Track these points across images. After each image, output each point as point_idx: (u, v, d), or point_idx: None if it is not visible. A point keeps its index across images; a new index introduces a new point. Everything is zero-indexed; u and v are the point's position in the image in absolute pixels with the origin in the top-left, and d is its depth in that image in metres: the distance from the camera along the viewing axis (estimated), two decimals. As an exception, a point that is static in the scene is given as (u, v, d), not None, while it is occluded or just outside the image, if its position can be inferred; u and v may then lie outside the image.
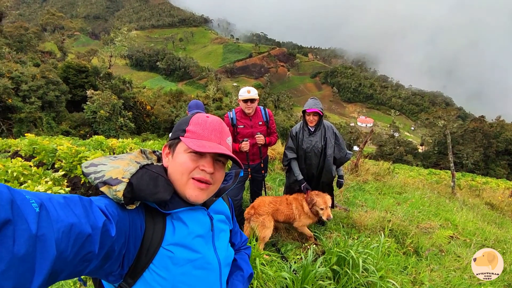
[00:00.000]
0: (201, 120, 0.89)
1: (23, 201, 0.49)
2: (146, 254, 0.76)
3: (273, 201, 3.07)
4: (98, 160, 0.79)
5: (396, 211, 4.40)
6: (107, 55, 37.38)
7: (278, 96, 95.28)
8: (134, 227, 0.74)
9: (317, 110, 3.06)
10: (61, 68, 25.80)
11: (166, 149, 0.91)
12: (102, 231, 0.61)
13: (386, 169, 7.96)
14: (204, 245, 0.87)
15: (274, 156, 6.49)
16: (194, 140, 0.84)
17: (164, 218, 0.81)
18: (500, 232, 4.62)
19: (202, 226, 0.88)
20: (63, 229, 0.53)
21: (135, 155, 0.88)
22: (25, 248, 0.46)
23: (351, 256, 2.22)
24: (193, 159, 0.84)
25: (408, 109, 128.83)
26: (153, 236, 0.77)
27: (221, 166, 0.90)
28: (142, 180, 0.75)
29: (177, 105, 32.04)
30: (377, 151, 43.42)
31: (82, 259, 0.57)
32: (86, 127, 22.51)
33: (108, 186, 0.71)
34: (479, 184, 13.33)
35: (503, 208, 6.57)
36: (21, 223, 0.46)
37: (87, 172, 0.75)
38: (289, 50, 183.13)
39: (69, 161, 4.16)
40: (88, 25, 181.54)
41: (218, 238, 0.95)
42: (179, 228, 0.82)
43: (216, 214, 0.98)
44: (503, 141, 41.17)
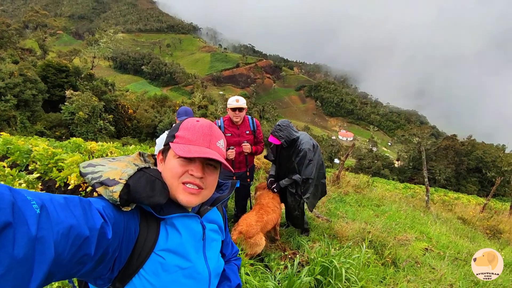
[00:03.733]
0: (190, 125, 0.89)
1: (24, 202, 0.49)
2: (137, 259, 0.75)
3: (259, 218, 2.96)
4: (96, 161, 0.79)
5: (375, 223, 4.54)
6: (90, 56, 36.40)
7: (264, 107, 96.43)
8: (128, 230, 0.73)
9: (275, 140, 3.21)
10: (41, 67, 24.85)
11: (160, 155, 0.91)
12: (99, 233, 0.61)
13: (365, 182, 8.23)
14: (194, 254, 0.87)
15: (259, 166, 6.52)
16: (181, 145, 0.84)
17: (158, 223, 0.81)
18: (472, 246, 4.84)
19: (194, 234, 0.88)
20: (62, 231, 0.53)
21: (133, 157, 0.88)
22: (24, 251, 0.46)
23: (334, 266, 2.26)
24: (182, 164, 0.84)
25: (385, 125, 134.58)
26: (146, 241, 0.77)
27: (212, 170, 0.89)
28: (139, 182, 0.75)
29: (161, 110, 31.51)
30: (357, 164, 44.71)
31: (78, 261, 0.57)
32: (62, 128, 21.56)
33: (105, 186, 0.71)
34: (451, 199, 14.04)
35: (475, 223, 6.92)
36: (21, 225, 0.46)
37: (85, 172, 0.75)
38: (275, 63, 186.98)
39: (45, 163, 3.95)
40: (72, 25, 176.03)
41: (210, 247, 0.95)
42: (172, 234, 0.82)
43: (209, 223, 0.98)
44: (473, 159, 43.90)
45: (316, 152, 3.37)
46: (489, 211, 9.00)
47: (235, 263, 1.17)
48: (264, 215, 3.04)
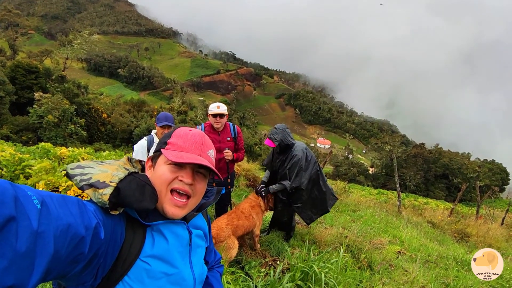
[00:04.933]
0: (183, 133, 0.91)
1: (25, 197, 0.49)
2: (122, 265, 0.75)
3: (229, 221, 2.94)
4: (85, 163, 0.79)
5: (352, 228, 4.69)
6: (62, 57, 34.60)
7: (244, 114, 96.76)
8: (114, 235, 0.73)
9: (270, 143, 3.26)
10: (9, 67, 23.40)
11: (149, 162, 0.92)
12: (93, 232, 0.62)
13: (342, 188, 8.50)
14: (180, 260, 0.87)
15: (239, 173, 6.51)
16: (173, 151, 0.85)
17: (144, 229, 0.81)
18: (442, 248, 5.14)
19: (180, 240, 0.88)
20: (61, 228, 0.54)
21: (123, 161, 0.88)
22: (27, 244, 0.47)
23: (313, 271, 2.31)
24: (172, 170, 0.85)
25: (360, 133, 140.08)
26: (131, 247, 0.77)
27: (202, 178, 0.91)
28: (129, 186, 0.75)
29: (138, 115, 30.49)
30: (334, 171, 46.04)
31: (73, 260, 0.58)
32: (29, 132, 20.19)
33: (94, 189, 0.71)
34: (421, 204, 14.84)
35: (443, 227, 7.34)
36: (23, 219, 0.47)
37: (73, 173, 0.74)
38: (255, 71, 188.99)
39: (11, 170, 3.69)
40: (45, 25, 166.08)
41: (195, 253, 0.95)
42: (158, 241, 0.82)
43: (195, 229, 0.98)
44: (441, 166, 46.86)
45: (310, 163, 3.37)
46: (457, 216, 9.56)
47: (217, 271, 1.17)
48: (235, 219, 3.00)
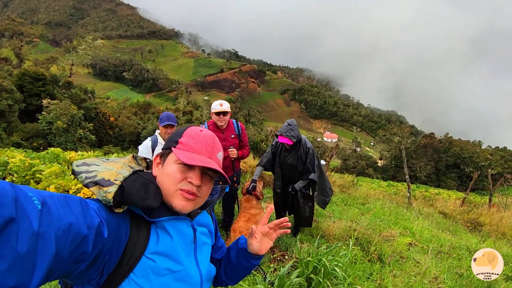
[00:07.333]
0: (194, 133, 0.90)
1: (25, 198, 0.49)
2: (127, 262, 0.75)
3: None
4: (91, 160, 0.79)
5: (361, 221, 4.65)
6: (68, 63, 35.21)
7: (249, 111, 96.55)
8: (119, 232, 0.73)
9: (288, 141, 3.13)
10: (17, 76, 23.90)
11: (157, 159, 0.91)
12: (96, 231, 0.62)
13: (350, 182, 8.41)
14: (185, 257, 0.87)
15: (246, 170, 6.51)
16: (184, 152, 0.85)
17: (148, 226, 0.81)
18: (454, 239, 5.03)
19: (185, 237, 0.88)
20: (63, 228, 0.54)
21: (128, 159, 0.88)
22: (28, 246, 0.46)
23: (322, 264, 2.30)
24: (181, 170, 0.84)
25: (367, 126, 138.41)
26: (136, 244, 0.77)
27: (209, 180, 0.91)
28: (134, 185, 0.76)
29: (144, 117, 30.87)
30: (342, 165, 45.63)
31: (76, 260, 0.58)
32: (40, 139, 20.66)
33: (99, 186, 0.71)
34: (432, 195, 14.62)
35: (455, 217, 7.18)
36: (24, 221, 0.47)
37: (78, 170, 0.75)
38: (259, 67, 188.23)
39: (22, 175, 3.79)
40: (49, 32, 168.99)
41: (201, 251, 0.95)
42: (163, 237, 0.82)
43: (200, 226, 0.98)
44: (451, 156, 45.97)
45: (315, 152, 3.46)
46: (469, 205, 9.32)
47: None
48: None
